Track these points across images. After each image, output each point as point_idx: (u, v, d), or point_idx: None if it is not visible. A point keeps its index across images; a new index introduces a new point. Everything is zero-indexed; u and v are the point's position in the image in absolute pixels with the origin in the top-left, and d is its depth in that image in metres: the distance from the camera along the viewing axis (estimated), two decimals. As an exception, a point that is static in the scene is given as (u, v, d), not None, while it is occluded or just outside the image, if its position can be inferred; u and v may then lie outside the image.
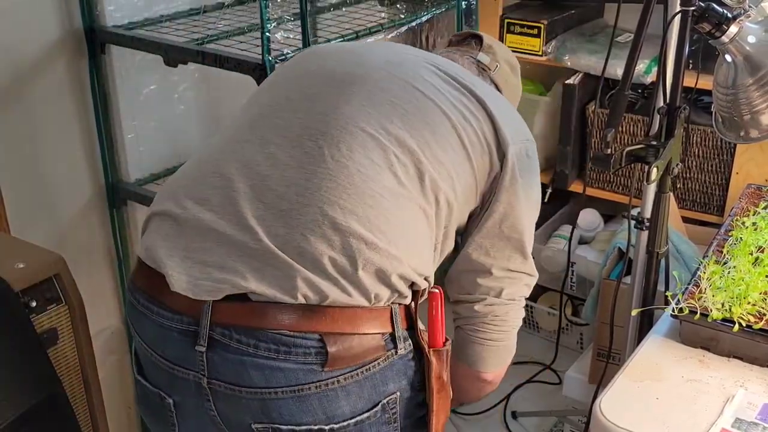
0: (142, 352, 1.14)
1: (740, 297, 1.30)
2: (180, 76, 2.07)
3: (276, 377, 1.02)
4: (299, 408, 1.04)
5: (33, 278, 1.35)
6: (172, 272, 1.03)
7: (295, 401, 1.03)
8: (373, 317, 1.05)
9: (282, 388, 1.02)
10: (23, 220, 1.81)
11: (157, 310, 1.07)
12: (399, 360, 1.09)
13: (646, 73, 2.22)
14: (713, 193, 2.29)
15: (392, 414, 1.10)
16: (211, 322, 1.01)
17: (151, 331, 1.10)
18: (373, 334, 1.05)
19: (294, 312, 1.01)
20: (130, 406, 2.24)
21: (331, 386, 1.03)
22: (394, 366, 1.08)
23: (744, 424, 1.16)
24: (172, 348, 1.07)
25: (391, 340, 1.08)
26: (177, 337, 1.06)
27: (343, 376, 1.04)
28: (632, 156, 1.44)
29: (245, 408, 1.05)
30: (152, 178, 2.07)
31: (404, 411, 1.11)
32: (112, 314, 2.12)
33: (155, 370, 1.12)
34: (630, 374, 1.28)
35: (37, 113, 1.82)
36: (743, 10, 1.29)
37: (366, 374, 1.05)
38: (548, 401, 2.46)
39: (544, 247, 2.57)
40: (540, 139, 2.53)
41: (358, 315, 1.04)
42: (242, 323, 1.01)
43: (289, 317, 1.00)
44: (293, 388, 1.02)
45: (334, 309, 1.02)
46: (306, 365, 1.02)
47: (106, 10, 1.87)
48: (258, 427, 1.05)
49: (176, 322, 1.05)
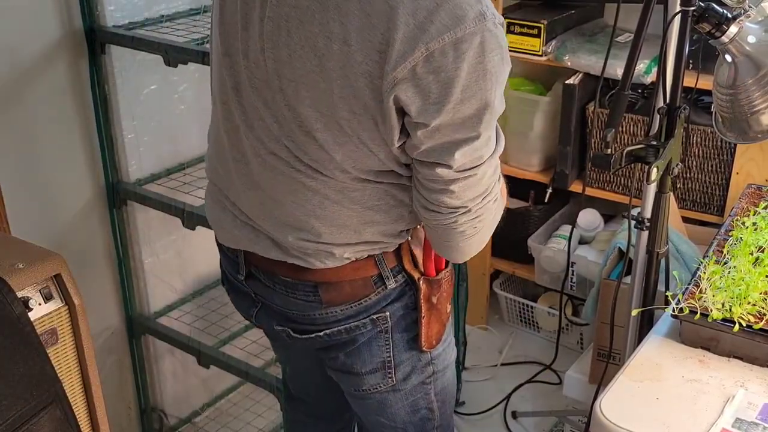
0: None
1: (740, 297, 1.30)
2: (180, 76, 2.07)
3: (291, 304, 1.28)
4: (308, 322, 1.28)
5: (33, 278, 1.35)
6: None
7: (304, 319, 1.28)
8: (356, 267, 1.22)
9: (294, 312, 1.28)
10: (23, 220, 1.81)
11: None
12: (392, 291, 1.25)
13: (646, 73, 2.22)
14: (713, 193, 2.29)
15: (383, 327, 1.27)
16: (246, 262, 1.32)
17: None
18: (360, 278, 1.23)
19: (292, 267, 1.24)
20: (130, 406, 2.24)
21: (332, 315, 1.25)
22: (388, 296, 1.25)
23: (744, 424, 1.16)
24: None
25: (379, 279, 1.24)
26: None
27: (341, 309, 1.25)
28: (632, 156, 1.44)
29: (271, 315, 1.34)
30: (152, 178, 2.08)
31: (396, 326, 1.28)
32: (112, 314, 2.12)
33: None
34: (630, 374, 1.28)
35: (37, 113, 1.82)
36: (743, 10, 1.29)
37: (360, 307, 1.25)
38: (548, 401, 2.46)
39: (544, 247, 2.57)
40: (540, 139, 2.54)
41: (341, 269, 1.22)
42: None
43: (290, 270, 1.25)
44: (303, 315, 1.27)
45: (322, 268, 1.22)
46: (308, 302, 1.25)
47: (106, 10, 1.88)
48: (278, 329, 1.33)
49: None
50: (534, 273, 2.67)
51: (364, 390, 1.34)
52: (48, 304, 1.38)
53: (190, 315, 2.27)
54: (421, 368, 1.33)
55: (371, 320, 1.26)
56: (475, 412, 2.40)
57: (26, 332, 1.31)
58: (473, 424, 2.38)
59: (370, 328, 1.27)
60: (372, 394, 1.34)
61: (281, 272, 1.25)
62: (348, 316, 1.25)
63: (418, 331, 1.29)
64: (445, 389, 1.40)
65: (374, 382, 1.32)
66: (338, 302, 1.24)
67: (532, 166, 2.59)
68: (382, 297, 1.25)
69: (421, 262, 1.27)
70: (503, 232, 2.64)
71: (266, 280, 1.29)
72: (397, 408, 1.36)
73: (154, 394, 2.27)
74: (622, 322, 1.74)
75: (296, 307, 1.27)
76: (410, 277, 1.26)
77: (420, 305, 1.27)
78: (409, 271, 1.25)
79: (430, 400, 1.38)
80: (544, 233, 2.65)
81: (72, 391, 1.45)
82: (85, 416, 1.50)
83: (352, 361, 1.30)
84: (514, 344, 2.74)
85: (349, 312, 1.25)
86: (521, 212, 2.67)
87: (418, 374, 1.34)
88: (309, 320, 1.28)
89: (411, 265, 1.25)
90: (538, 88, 2.60)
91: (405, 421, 1.39)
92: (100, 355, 2.06)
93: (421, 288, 1.26)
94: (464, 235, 1.15)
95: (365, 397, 1.35)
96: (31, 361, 1.31)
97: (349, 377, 1.33)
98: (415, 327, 1.29)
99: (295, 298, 1.26)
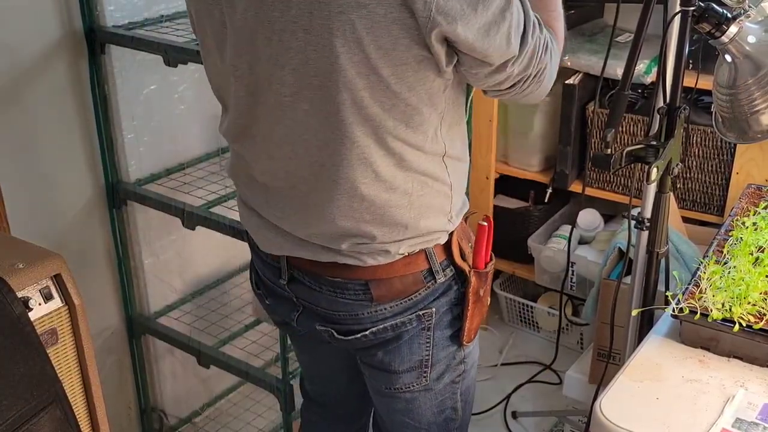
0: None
1: (740, 297, 1.30)
2: (180, 76, 2.07)
3: (338, 305, 1.28)
4: (354, 322, 1.28)
5: (33, 278, 1.35)
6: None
7: (351, 319, 1.28)
8: (408, 262, 1.23)
9: (342, 313, 1.28)
10: (23, 220, 1.81)
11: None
12: (440, 286, 1.27)
13: (646, 73, 2.22)
14: (713, 193, 2.29)
15: (427, 324, 1.28)
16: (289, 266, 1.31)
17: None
18: (410, 274, 1.24)
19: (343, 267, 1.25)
20: (130, 406, 2.25)
21: (381, 312, 1.26)
22: (436, 291, 1.27)
23: (744, 424, 1.16)
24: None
25: (429, 274, 1.25)
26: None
27: (390, 306, 1.25)
28: (632, 156, 1.44)
29: (314, 318, 1.33)
30: (152, 178, 2.08)
31: (438, 323, 1.29)
32: (112, 314, 2.12)
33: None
34: (630, 374, 1.28)
35: (37, 113, 1.82)
36: (743, 10, 1.29)
37: (409, 302, 1.26)
38: (548, 401, 2.46)
39: (544, 247, 2.57)
40: (540, 139, 2.54)
41: (393, 264, 1.23)
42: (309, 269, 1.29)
43: (340, 270, 1.25)
44: (350, 315, 1.27)
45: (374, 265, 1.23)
46: (358, 300, 1.25)
47: (106, 11, 1.88)
48: (320, 329, 1.32)
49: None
50: (534, 273, 2.67)
51: (396, 388, 1.34)
52: (48, 304, 1.38)
53: (190, 315, 2.27)
54: (454, 366, 1.35)
55: (417, 316, 1.27)
56: (475, 412, 2.40)
57: (26, 332, 1.31)
58: (473, 424, 2.36)
59: (415, 325, 1.27)
60: (403, 393, 1.35)
61: (330, 273, 1.25)
62: (395, 313, 1.26)
63: (462, 324, 1.30)
64: (469, 389, 1.42)
65: (408, 381, 1.33)
66: (388, 299, 1.24)
67: (532, 166, 2.59)
68: (430, 292, 1.26)
69: (470, 256, 1.29)
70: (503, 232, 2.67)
71: (311, 283, 1.28)
72: (425, 408, 1.37)
73: (154, 394, 2.28)
74: (622, 322, 1.74)
75: (344, 308, 1.27)
76: (459, 271, 1.27)
77: (468, 298, 1.28)
78: (459, 264, 1.27)
79: (456, 399, 1.39)
80: (544, 233, 2.65)
81: (72, 391, 1.45)
82: (85, 416, 1.50)
83: (390, 358, 1.30)
84: (514, 344, 2.74)
85: (396, 309, 1.25)
86: (521, 212, 2.67)
87: (450, 373, 1.35)
88: (355, 320, 1.27)
89: (460, 259, 1.27)
90: (538, 88, 2.60)
91: (430, 422, 1.39)
92: (100, 355, 2.06)
93: (472, 281, 1.28)
94: (540, 82, 1.22)
95: (395, 396, 1.36)
96: (31, 361, 1.31)
97: (385, 375, 1.34)
98: (456, 323, 1.31)
99: (343, 298, 1.26)
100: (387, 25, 1.02)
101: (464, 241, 1.29)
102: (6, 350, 1.27)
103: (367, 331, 1.27)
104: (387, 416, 1.43)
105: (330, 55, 1.04)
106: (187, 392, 2.36)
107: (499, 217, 2.65)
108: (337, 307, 1.27)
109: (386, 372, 1.33)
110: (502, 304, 2.81)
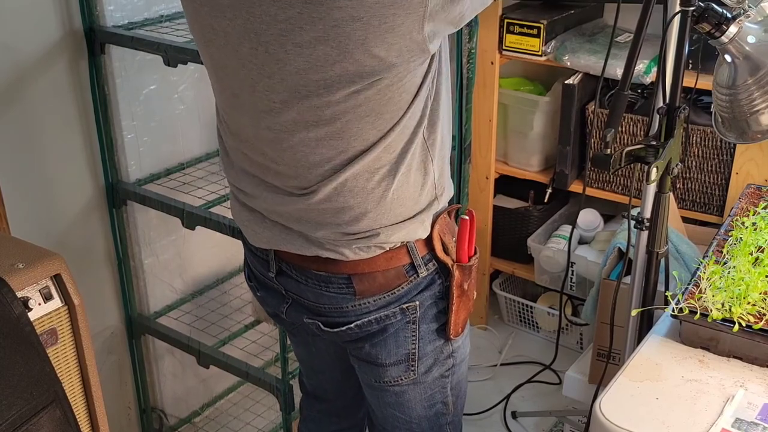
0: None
1: (740, 297, 1.30)
2: (180, 76, 2.07)
3: (323, 298, 1.31)
4: (339, 315, 1.31)
5: (33, 278, 1.35)
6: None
7: (336, 312, 1.31)
8: (390, 257, 1.25)
9: (327, 306, 1.31)
10: (23, 220, 1.81)
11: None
12: (422, 280, 1.28)
13: (646, 73, 2.23)
14: (713, 193, 2.29)
15: (412, 317, 1.30)
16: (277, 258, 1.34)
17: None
18: (392, 268, 1.26)
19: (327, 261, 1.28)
20: (130, 406, 2.25)
21: (365, 306, 1.28)
22: (419, 285, 1.28)
23: (744, 424, 1.16)
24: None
25: (411, 268, 1.27)
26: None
27: (373, 300, 1.28)
28: (632, 156, 1.44)
29: (301, 310, 1.37)
30: (152, 178, 2.08)
31: (423, 317, 1.31)
32: (112, 314, 2.12)
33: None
34: (630, 374, 1.28)
35: (37, 113, 1.82)
36: (743, 10, 1.29)
37: (392, 297, 1.28)
38: (548, 401, 2.46)
39: (544, 247, 2.57)
40: (540, 139, 2.54)
41: (375, 259, 1.25)
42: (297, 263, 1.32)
43: (324, 264, 1.28)
44: (335, 307, 1.30)
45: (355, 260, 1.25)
46: (341, 294, 1.28)
47: (105, 11, 1.88)
48: (308, 321, 1.35)
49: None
50: (534, 273, 2.67)
51: (385, 382, 1.36)
52: (48, 304, 1.38)
53: (190, 315, 2.27)
54: (443, 360, 1.36)
55: (401, 309, 1.29)
56: (474, 412, 2.40)
57: (26, 332, 1.31)
58: (473, 424, 2.38)
59: (399, 318, 1.29)
60: (392, 386, 1.36)
61: (314, 267, 1.28)
62: (379, 306, 1.28)
63: (447, 318, 1.32)
64: (460, 384, 1.43)
65: (396, 374, 1.35)
66: (371, 293, 1.27)
67: (531, 166, 2.59)
68: (413, 286, 1.28)
69: (453, 250, 1.30)
70: (503, 232, 2.67)
71: (298, 276, 1.32)
72: (415, 402, 1.38)
73: (154, 394, 2.28)
74: (621, 322, 1.74)
75: (329, 301, 1.30)
76: (442, 265, 1.29)
77: (452, 291, 1.30)
78: (441, 258, 1.28)
79: (446, 394, 1.41)
80: (544, 233, 2.65)
81: (72, 391, 1.45)
82: (85, 416, 1.50)
83: (377, 351, 1.32)
84: (513, 344, 2.74)
85: (380, 303, 1.28)
86: (521, 212, 2.67)
87: (438, 367, 1.36)
88: (340, 313, 1.30)
89: (443, 253, 1.28)
90: (538, 88, 2.61)
91: (420, 416, 1.40)
92: (100, 355, 2.06)
93: (455, 274, 1.29)
94: None
95: (384, 389, 1.38)
96: (31, 361, 1.31)
97: (372, 368, 1.36)
98: (441, 317, 1.32)
99: (328, 292, 1.29)
100: (381, 34, 1.04)
101: (447, 235, 1.30)
102: (6, 350, 1.27)
103: (352, 324, 1.30)
104: (378, 410, 1.44)
105: (324, 65, 1.06)
106: (186, 392, 2.36)
107: (499, 217, 2.66)
108: (323, 300, 1.30)
109: (374, 365, 1.35)
110: (501, 304, 2.81)
